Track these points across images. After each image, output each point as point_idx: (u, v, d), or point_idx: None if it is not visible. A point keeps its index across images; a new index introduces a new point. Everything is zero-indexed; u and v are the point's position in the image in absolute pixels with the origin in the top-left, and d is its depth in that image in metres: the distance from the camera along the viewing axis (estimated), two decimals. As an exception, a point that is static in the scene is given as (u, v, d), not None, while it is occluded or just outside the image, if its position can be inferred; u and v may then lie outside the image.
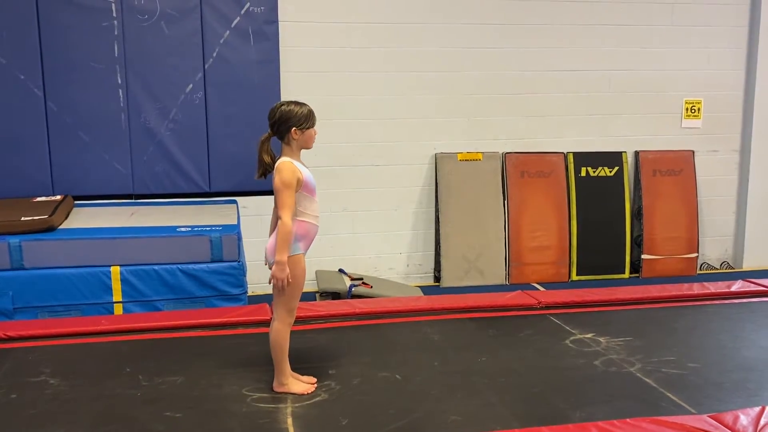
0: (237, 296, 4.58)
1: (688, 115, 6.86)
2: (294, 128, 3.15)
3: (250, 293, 5.51)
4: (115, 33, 5.55)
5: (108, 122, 5.63)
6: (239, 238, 4.72)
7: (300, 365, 3.33)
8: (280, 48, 5.92)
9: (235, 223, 4.93)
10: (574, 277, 6.70)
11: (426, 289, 6.10)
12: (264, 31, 5.83)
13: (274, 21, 5.85)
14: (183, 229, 4.68)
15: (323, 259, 6.23)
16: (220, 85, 5.80)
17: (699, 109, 6.86)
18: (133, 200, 5.75)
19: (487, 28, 6.38)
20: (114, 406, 2.99)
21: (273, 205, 3.25)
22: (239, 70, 5.82)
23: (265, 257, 3.16)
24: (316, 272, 5.95)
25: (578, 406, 2.91)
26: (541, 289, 6.16)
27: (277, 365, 3.12)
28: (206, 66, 5.76)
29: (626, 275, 6.78)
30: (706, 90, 6.84)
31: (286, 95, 5.99)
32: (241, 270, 4.63)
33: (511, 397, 3.05)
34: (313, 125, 3.19)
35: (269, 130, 3.23)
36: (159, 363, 3.42)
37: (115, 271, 4.47)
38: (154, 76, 5.68)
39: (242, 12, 5.76)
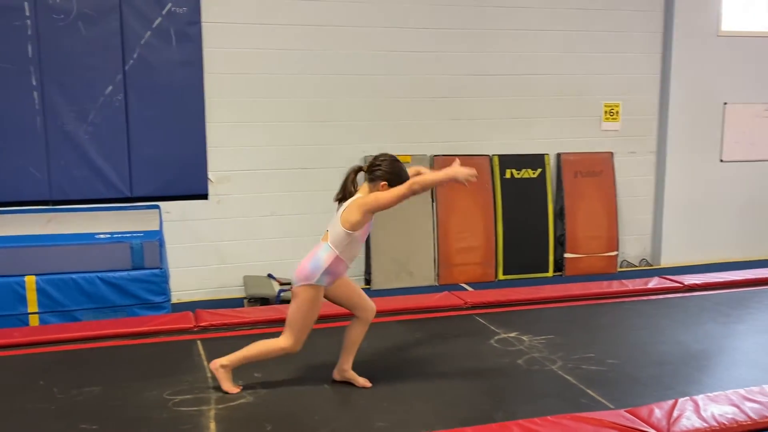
0: (160, 304, 4.46)
1: (607, 118, 7.09)
2: (386, 183, 3.18)
3: (174, 301, 5.38)
4: (29, 33, 5.33)
5: (22, 126, 5.41)
6: (161, 245, 4.60)
7: (224, 373, 3.27)
8: (204, 49, 5.81)
9: (158, 228, 4.80)
10: (501, 277, 6.83)
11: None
12: (186, 32, 5.71)
13: (196, 22, 5.74)
14: (102, 236, 4.52)
15: (251, 264, 6.15)
16: (142, 87, 5.65)
17: (617, 112, 7.10)
18: (50, 207, 5.53)
19: (415, 32, 6.43)
20: (25, 423, 2.86)
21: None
22: (161, 72, 5.68)
23: (294, 279, 3.21)
24: (244, 278, 5.86)
25: (501, 406, 2.96)
26: (469, 289, 6.25)
27: (239, 359, 3.13)
28: (126, 67, 5.60)
29: (550, 274, 6.95)
30: (623, 93, 7.08)
31: (210, 97, 5.90)
32: (164, 277, 4.51)
33: (436, 400, 3.08)
34: None
35: (365, 168, 3.25)
36: (75, 374, 3.30)
37: (30, 280, 4.28)
38: (72, 77, 5.49)
39: (164, 12, 5.63)
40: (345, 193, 3.26)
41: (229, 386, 3.12)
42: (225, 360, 3.13)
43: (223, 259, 6.10)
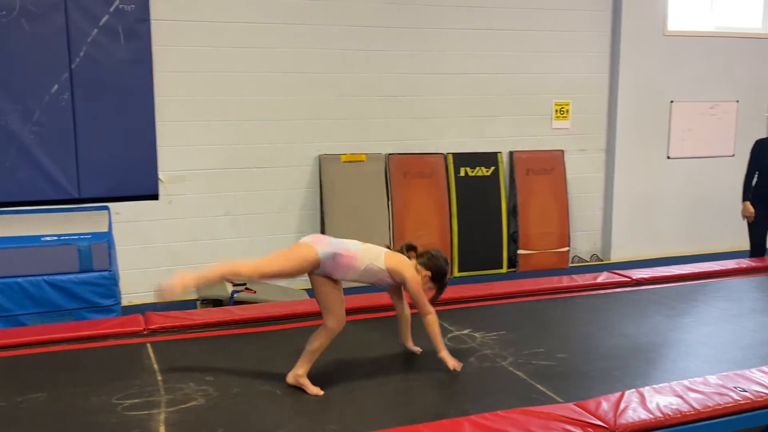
0: (109, 307, 4.37)
1: (558, 117, 7.21)
2: (429, 276, 3.30)
3: (125, 303, 5.29)
4: (-32, 29, 5.18)
5: (-38, 125, 5.26)
6: (110, 246, 4.51)
7: (174, 375, 3.23)
8: (153, 47, 5.73)
9: (106, 230, 4.71)
10: (456, 274, 6.88)
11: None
12: (135, 29, 5.62)
13: (145, 19, 5.64)
14: (49, 239, 4.42)
15: (204, 265, 6.05)
16: (89, 86, 5.54)
17: (568, 111, 7.23)
18: (-7, 209, 5.39)
19: (369, 30, 6.44)
20: (-35, 433, 2.78)
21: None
22: (109, 70, 5.58)
23: None
24: (197, 279, 5.78)
25: (453, 403, 2.98)
26: (425, 287, 6.27)
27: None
28: (73, 66, 5.48)
29: (504, 270, 7.04)
30: (573, 92, 7.22)
31: (160, 96, 5.81)
32: (113, 280, 4.43)
33: (388, 400, 3.08)
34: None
35: (419, 250, 3.34)
36: (20, 381, 3.20)
37: (-27, 285, 4.16)
38: (15, 76, 5.36)
39: (111, 10, 5.53)
40: (395, 248, 3.40)
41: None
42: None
43: (176, 261, 6.01)
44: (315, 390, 3.11)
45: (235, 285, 5.52)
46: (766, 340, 3.82)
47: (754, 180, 5.76)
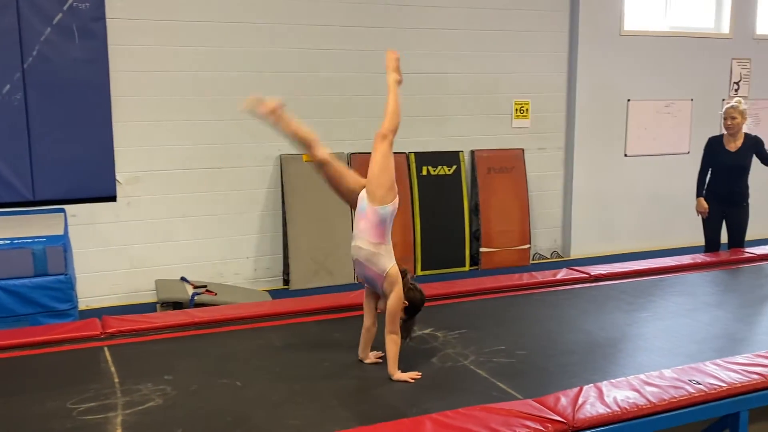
0: (65, 312, 4.28)
1: (518, 116, 7.29)
2: (406, 305, 3.29)
3: (82, 308, 5.20)
4: None
5: None
6: (66, 250, 4.42)
7: (131, 377, 3.18)
8: (109, 46, 5.63)
9: (62, 233, 4.61)
10: (419, 272, 6.91)
11: (275, 293, 6.03)
12: (90, 28, 5.51)
13: (100, 18, 5.54)
14: (2, 242, 4.31)
15: (163, 267, 6.00)
16: (42, 86, 5.42)
17: (527, 110, 7.31)
18: (-56, 212, 5.24)
19: (331, 29, 6.43)
20: None
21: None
22: (64, 70, 5.47)
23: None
24: (156, 282, 5.71)
25: (415, 403, 2.99)
26: (388, 286, 6.28)
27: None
28: (25, 65, 5.36)
29: (467, 268, 7.09)
30: (533, 91, 7.30)
31: (117, 96, 5.72)
32: (69, 284, 4.34)
33: (351, 399, 3.08)
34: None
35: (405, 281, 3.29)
36: (-29, 390, 3.12)
37: None
38: (-36, 75, 5.21)
39: (65, 8, 5.42)
40: None
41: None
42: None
43: (134, 263, 5.92)
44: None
45: (195, 287, 5.46)
46: (720, 333, 3.91)
47: (708, 176, 5.89)
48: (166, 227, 6.06)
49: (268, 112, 3.27)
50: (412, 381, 3.21)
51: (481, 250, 7.16)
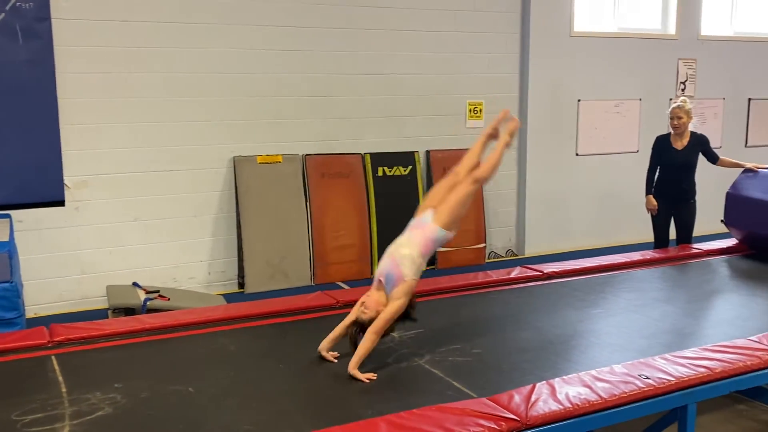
0: (11, 320, 4.15)
1: (472, 116, 7.35)
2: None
3: (30, 315, 5.06)
4: None
5: None
6: (11, 256, 4.29)
7: (80, 386, 3.10)
8: (55, 47, 5.49)
9: (7, 239, 4.48)
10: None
11: (230, 297, 5.97)
12: (34, 28, 5.37)
13: (45, 18, 5.41)
14: (-57, 250, 4.16)
15: (115, 273, 5.88)
16: (-15, 88, 5.25)
17: (481, 110, 7.37)
18: None
19: (284, 30, 6.38)
20: None
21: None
22: (7, 71, 5.33)
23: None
24: (107, 288, 5.59)
25: (371, 404, 2.99)
26: (345, 287, 6.28)
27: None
28: (-34, 66, 5.18)
29: (424, 268, 7.09)
30: (486, 92, 7.37)
31: (64, 98, 5.59)
32: (15, 291, 4.21)
33: (306, 402, 3.07)
34: None
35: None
36: None
37: None
38: None
39: (7, 8, 5.27)
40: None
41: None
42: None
43: (84, 269, 5.79)
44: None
45: (147, 292, 5.37)
46: (669, 328, 4.01)
47: (656, 174, 6.03)
48: (117, 232, 5.93)
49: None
50: (367, 382, 3.20)
51: (438, 249, 7.18)
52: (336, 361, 3.39)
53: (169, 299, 5.26)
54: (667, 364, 3.29)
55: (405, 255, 3.36)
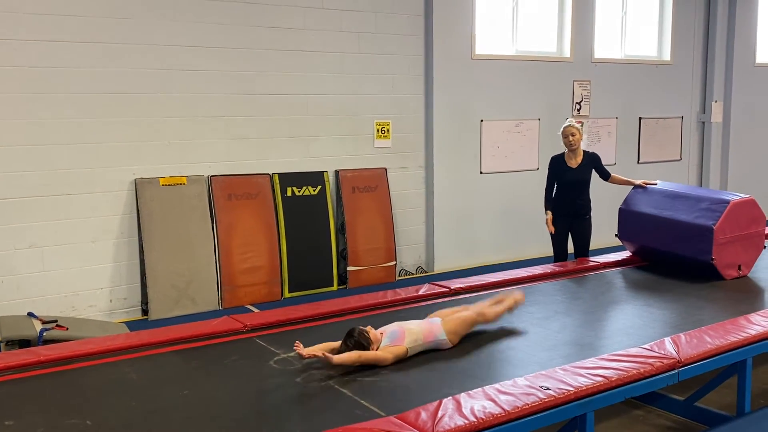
0: None
1: (380, 136, 7.44)
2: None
3: None
4: None
5: None
6: None
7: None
8: (-62, 67, 5.19)
9: None
10: (287, 294, 6.86)
11: (133, 324, 5.77)
12: None
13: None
14: None
15: (8, 303, 5.59)
16: None
17: (388, 130, 7.48)
18: None
19: (187, 50, 6.29)
20: None
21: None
22: None
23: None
24: (0, 319, 5.29)
25: (278, 426, 2.96)
26: (255, 310, 6.19)
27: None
28: None
29: (335, 288, 7.12)
30: (393, 113, 7.49)
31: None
32: None
33: (211, 427, 3.00)
34: None
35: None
36: None
37: None
38: None
39: None
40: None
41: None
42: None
43: (-27, 300, 5.46)
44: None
45: (44, 323, 5.12)
46: (569, 340, 4.17)
47: (554, 192, 6.28)
48: (11, 259, 5.64)
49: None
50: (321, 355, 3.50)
51: (349, 268, 7.22)
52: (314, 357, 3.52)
53: (67, 329, 5.03)
54: (567, 374, 3.42)
55: (413, 330, 3.86)
